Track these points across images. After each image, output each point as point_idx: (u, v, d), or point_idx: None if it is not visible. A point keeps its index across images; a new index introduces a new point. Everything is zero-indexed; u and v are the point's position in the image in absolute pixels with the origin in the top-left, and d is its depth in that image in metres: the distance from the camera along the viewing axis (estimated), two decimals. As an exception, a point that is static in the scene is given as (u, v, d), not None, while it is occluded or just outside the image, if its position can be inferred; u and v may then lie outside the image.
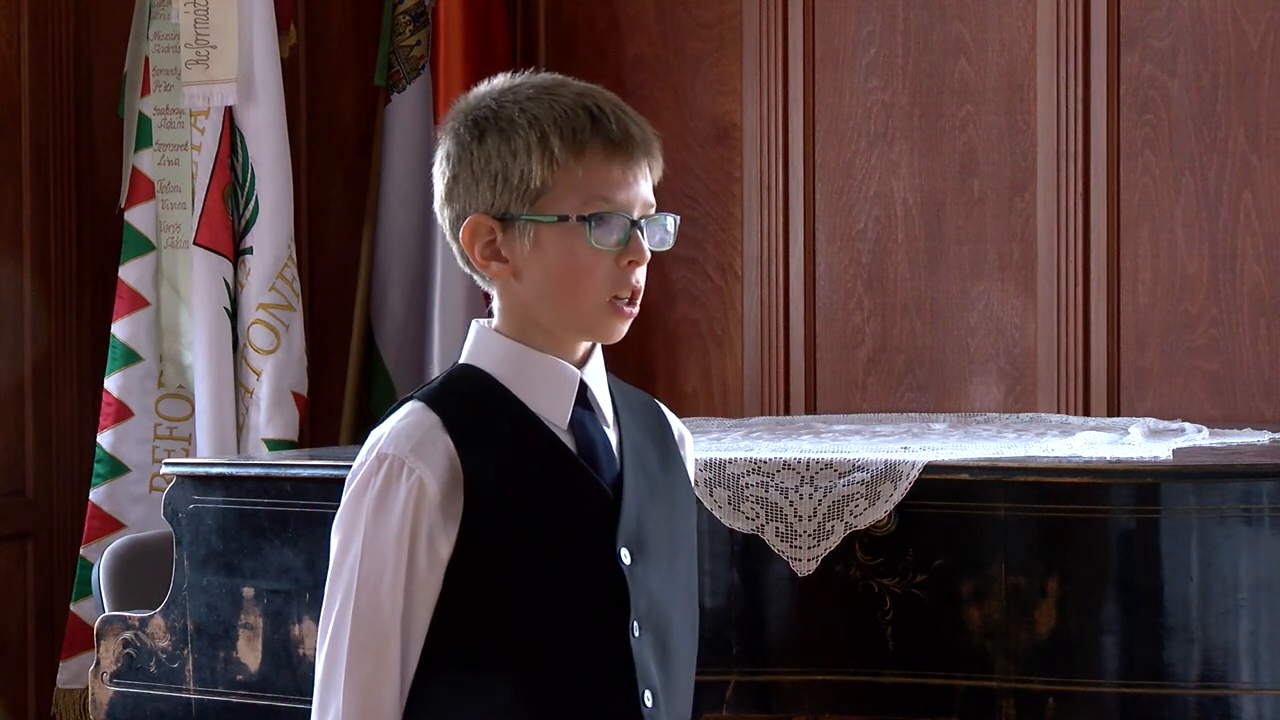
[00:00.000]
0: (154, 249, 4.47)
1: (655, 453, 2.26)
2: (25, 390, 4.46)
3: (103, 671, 3.38)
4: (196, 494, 3.29)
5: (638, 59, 5.01)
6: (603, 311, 2.17)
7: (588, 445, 2.18)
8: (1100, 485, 2.98)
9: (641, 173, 2.18)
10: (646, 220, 2.18)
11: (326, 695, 2.13)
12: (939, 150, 4.69)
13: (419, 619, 2.12)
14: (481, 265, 2.19)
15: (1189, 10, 4.43)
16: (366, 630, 2.11)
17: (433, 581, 2.12)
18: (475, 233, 2.17)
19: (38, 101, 4.47)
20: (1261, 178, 4.38)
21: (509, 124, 2.15)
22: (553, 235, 2.15)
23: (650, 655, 2.17)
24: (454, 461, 2.12)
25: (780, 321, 4.84)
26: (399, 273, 4.86)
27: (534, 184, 2.14)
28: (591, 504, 2.16)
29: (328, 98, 4.95)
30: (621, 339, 2.21)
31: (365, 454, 2.16)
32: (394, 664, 2.12)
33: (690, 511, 2.32)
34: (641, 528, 2.18)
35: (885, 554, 3.04)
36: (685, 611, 2.26)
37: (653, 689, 2.17)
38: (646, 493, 2.21)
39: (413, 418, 2.15)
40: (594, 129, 2.15)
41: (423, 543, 2.11)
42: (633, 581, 2.16)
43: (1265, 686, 2.93)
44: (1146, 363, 4.48)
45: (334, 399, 4.83)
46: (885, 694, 3.05)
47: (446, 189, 2.20)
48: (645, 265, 2.18)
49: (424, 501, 2.11)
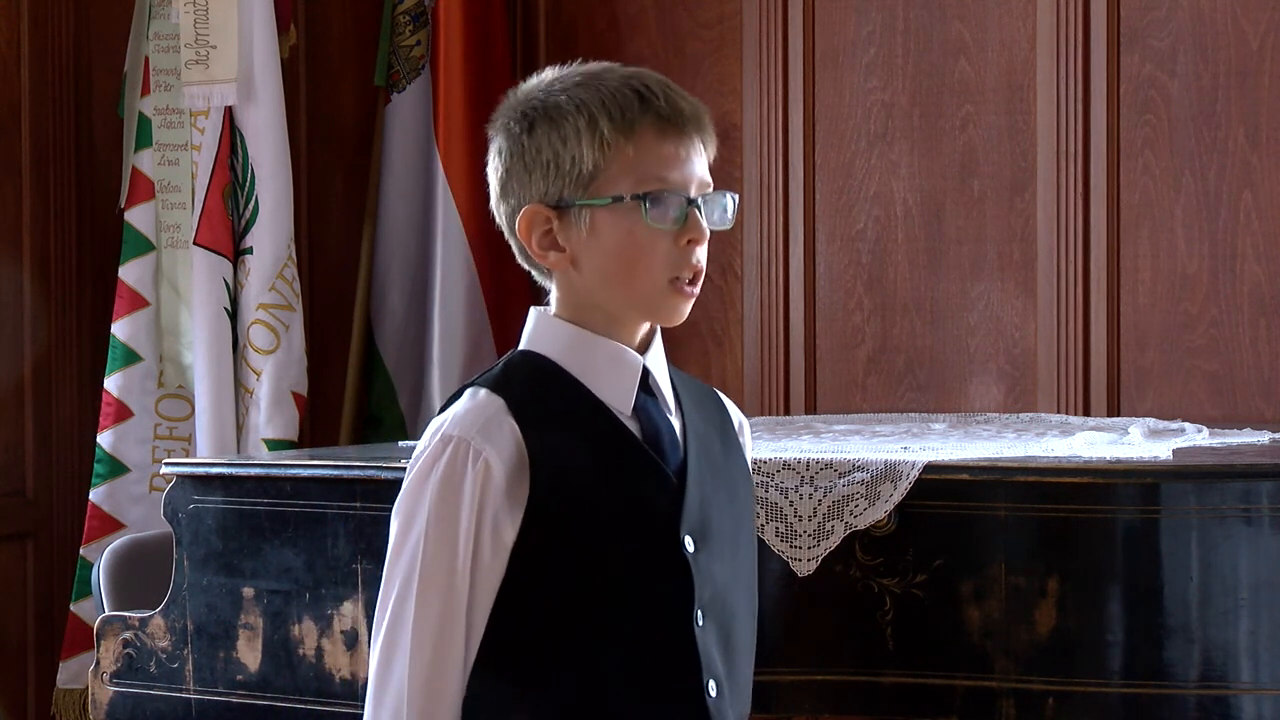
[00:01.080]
0: (154, 249, 4.47)
1: (718, 440, 2.24)
2: (25, 390, 4.46)
3: (103, 671, 3.38)
4: (196, 494, 3.29)
5: (638, 59, 5.01)
6: (664, 292, 2.14)
7: (653, 432, 2.15)
8: (1100, 485, 2.98)
9: (695, 149, 2.15)
10: (704, 198, 2.15)
11: (386, 680, 2.09)
12: (939, 150, 4.69)
13: (482, 605, 2.09)
14: (540, 256, 2.16)
15: (1189, 10, 4.43)
16: (431, 614, 2.08)
17: (497, 567, 2.09)
18: (532, 223, 2.15)
19: (38, 101, 4.47)
20: (1261, 178, 4.38)
21: (557, 111, 2.13)
22: (609, 218, 2.12)
23: (714, 644, 2.15)
24: (520, 445, 2.09)
25: (780, 321, 4.84)
26: (399, 273, 4.86)
27: (586, 168, 2.12)
28: (657, 491, 2.14)
29: (328, 98, 4.95)
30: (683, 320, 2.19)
31: (429, 437, 2.12)
32: (459, 649, 2.09)
33: (750, 500, 2.29)
34: (705, 516, 2.16)
35: (885, 554, 3.04)
36: (747, 601, 2.24)
37: (717, 679, 2.15)
38: (710, 481, 2.19)
39: (477, 401, 2.12)
40: (643, 108, 2.12)
41: (488, 526, 2.08)
42: (696, 570, 2.13)
43: (1265, 686, 2.93)
44: (1146, 363, 4.48)
45: (334, 399, 4.83)
46: (885, 694, 3.05)
47: (501, 184, 2.18)
48: (705, 244, 2.15)
49: (490, 485, 2.08)
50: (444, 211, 4.79)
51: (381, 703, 2.10)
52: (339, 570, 3.18)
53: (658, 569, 2.12)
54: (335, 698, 3.19)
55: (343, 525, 3.18)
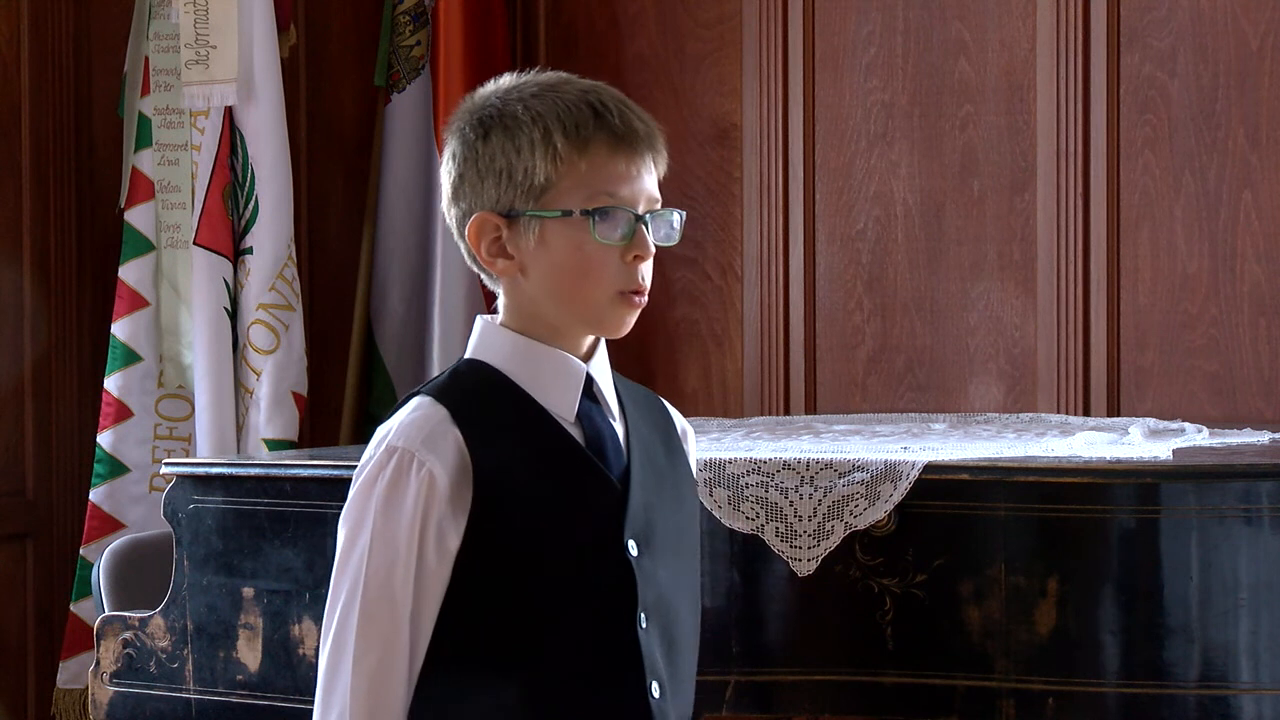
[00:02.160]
0: (154, 249, 4.47)
1: (661, 447, 2.27)
2: (25, 390, 4.46)
3: (103, 671, 3.38)
4: (196, 494, 3.29)
5: (638, 59, 5.01)
6: (610, 304, 2.17)
7: (596, 438, 2.19)
8: (1100, 485, 2.98)
9: (645, 167, 2.18)
10: (651, 215, 2.18)
11: (332, 687, 2.13)
12: (939, 150, 4.68)
13: (427, 612, 2.13)
14: (488, 263, 2.19)
15: (1189, 10, 4.43)
16: (375, 622, 2.11)
17: (441, 574, 2.12)
18: (481, 230, 2.18)
19: (38, 101, 4.47)
20: (1261, 178, 4.38)
21: (513, 121, 2.16)
22: (558, 231, 2.15)
23: (657, 646, 2.18)
24: (463, 454, 2.12)
25: (780, 321, 4.83)
26: (399, 272, 4.86)
27: (538, 180, 2.15)
28: (600, 496, 2.17)
29: (328, 98, 4.95)
30: (625, 335, 2.21)
31: (374, 448, 2.16)
32: (403, 656, 2.12)
33: (694, 505, 2.33)
34: (649, 520, 2.19)
35: (885, 554, 3.04)
36: (690, 604, 2.27)
37: (660, 680, 2.18)
38: (653, 486, 2.22)
39: (422, 411, 2.15)
40: (597, 124, 2.15)
41: (432, 535, 2.12)
42: (640, 573, 2.17)
43: (1265, 686, 2.93)
44: (1146, 363, 4.48)
45: (334, 399, 4.83)
46: (885, 694, 3.05)
47: (453, 188, 2.21)
48: (651, 260, 2.19)
49: (434, 494, 2.11)
50: (444, 211, 4.79)
51: (328, 710, 2.13)
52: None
53: (601, 573, 2.16)
54: (335, 698, 3.18)
55: (343, 525, 3.18)
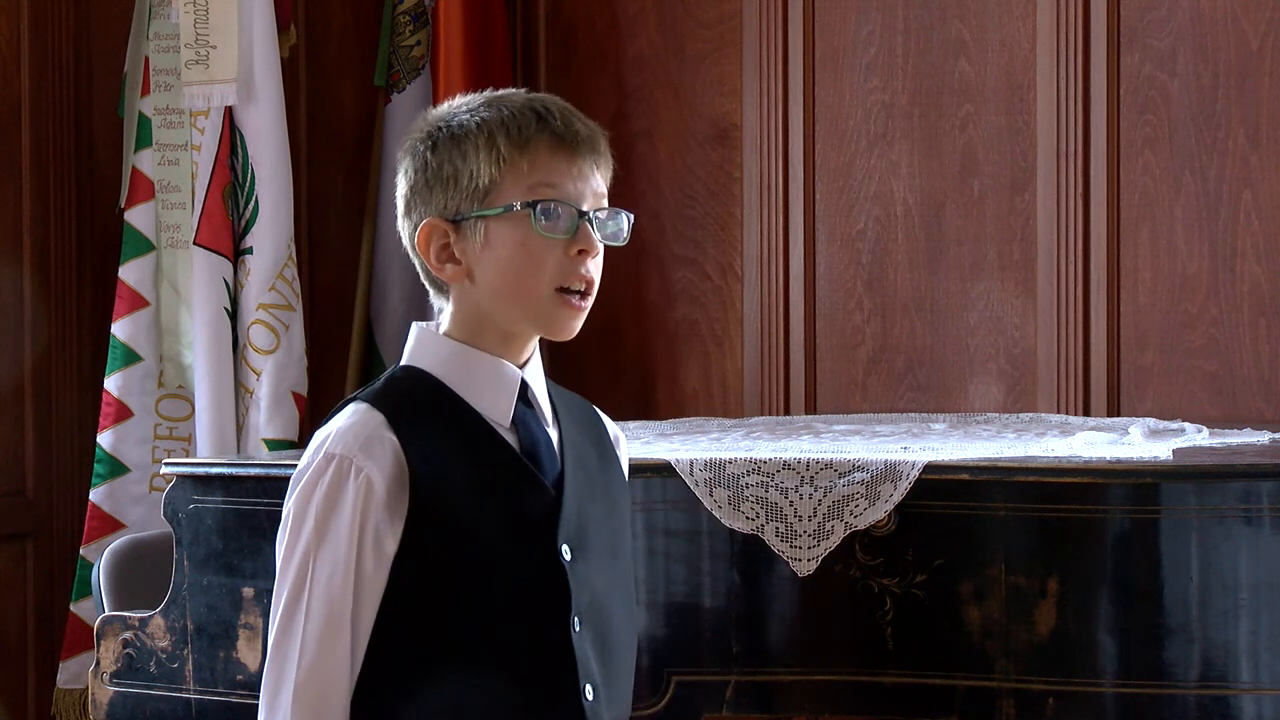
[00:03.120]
0: (154, 249, 4.47)
1: (593, 452, 2.31)
2: (25, 390, 4.46)
3: (103, 671, 3.38)
4: (196, 494, 3.29)
5: (638, 59, 5.01)
6: (552, 302, 2.20)
7: (530, 444, 2.22)
8: (1100, 485, 2.98)
9: (588, 167, 2.22)
10: (597, 212, 2.21)
11: (276, 692, 2.16)
12: (939, 150, 4.69)
13: (365, 615, 2.16)
14: (437, 269, 2.23)
15: (1189, 10, 4.43)
16: (317, 629, 2.15)
17: (379, 578, 2.16)
18: (430, 236, 2.23)
19: (38, 101, 4.47)
20: (1261, 178, 4.38)
21: (460, 129, 2.21)
22: (502, 228, 2.19)
23: (590, 650, 2.21)
24: (400, 459, 2.16)
25: (780, 321, 4.84)
26: (399, 272, 4.86)
27: (482, 182, 2.19)
28: (534, 501, 2.20)
29: (328, 98, 4.95)
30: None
31: (312, 454, 2.19)
32: (344, 660, 2.15)
33: (627, 510, 2.36)
34: (582, 525, 2.23)
35: (885, 554, 3.04)
36: (624, 608, 2.30)
37: (593, 683, 2.21)
38: (586, 491, 2.25)
39: (358, 417, 2.18)
40: (539, 126, 2.20)
41: (370, 540, 2.15)
42: (573, 577, 2.20)
43: (1265, 686, 2.93)
44: (1146, 363, 4.48)
45: (334, 399, 4.80)
46: (885, 694, 3.05)
47: (405, 202, 2.27)
48: (599, 258, 2.22)
49: (371, 499, 2.15)
50: (444, 211, 4.79)
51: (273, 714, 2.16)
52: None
53: (535, 577, 2.19)
54: (335, 698, 3.18)
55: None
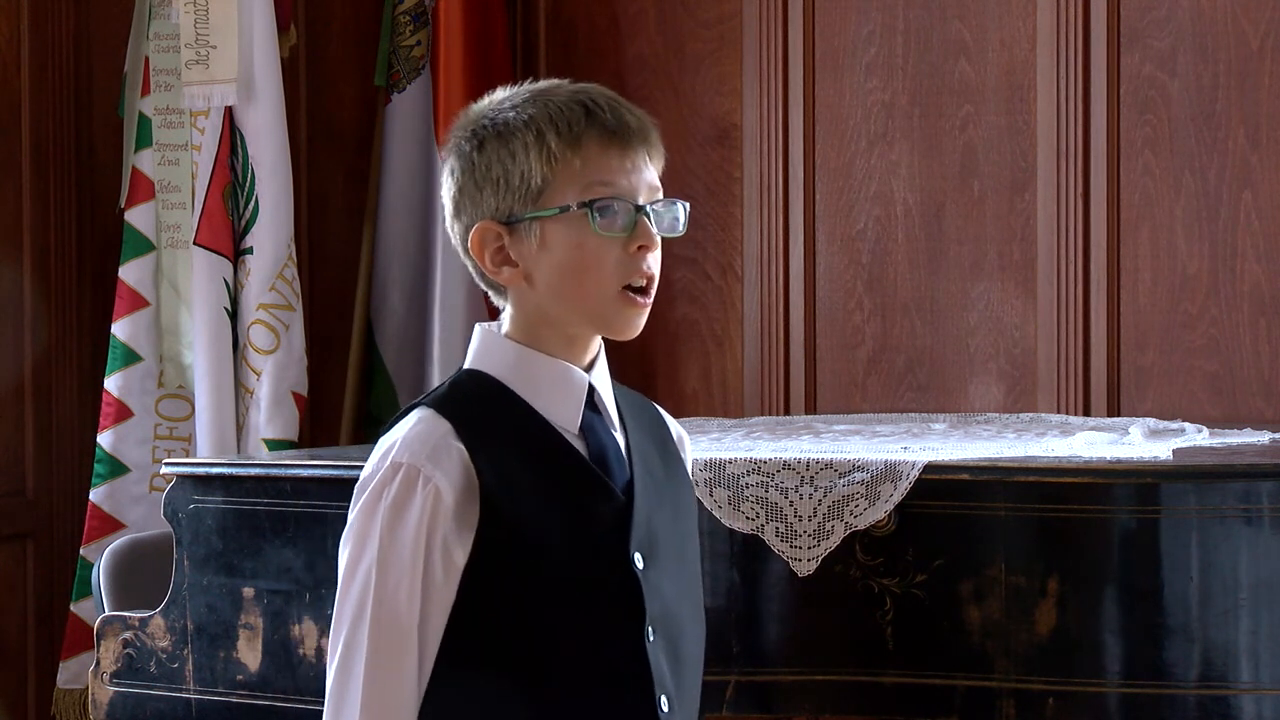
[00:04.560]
0: (154, 249, 4.47)
1: (659, 456, 2.25)
2: (25, 390, 4.46)
3: (103, 671, 3.38)
4: (196, 494, 3.29)
5: (638, 59, 5.01)
6: (615, 302, 2.14)
7: (599, 450, 2.16)
8: (1100, 485, 2.98)
9: (641, 160, 2.16)
10: (654, 205, 2.15)
11: (341, 707, 2.10)
12: (939, 150, 4.68)
13: (433, 628, 2.10)
14: (493, 272, 2.16)
15: (1189, 10, 4.43)
16: (384, 641, 2.09)
17: (448, 590, 2.10)
18: (483, 240, 2.16)
19: (38, 101, 4.47)
20: (1261, 178, 4.38)
21: (506, 128, 2.15)
22: (558, 229, 2.13)
23: (664, 659, 2.16)
24: (468, 468, 2.10)
25: (780, 321, 4.83)
26: (399, 273, 4.86)
27: (535, 182, 2.13)
28: (605, 509, 2.15)
29: (328, 98, 4.95)
30: (638, 335, 2.19)
31: (377, 463, 2.13)
32: (411, 674, 2.09)
33: (693, 514, 2.31)
34: (652, 532, 2.17)
35: (885, 554, 3.04)
36: (694, 615, 2.25)
37: (668, 694, 2.16)
38: (655, 497, 2.20)
39: (425, 425, 2.12)
40: (589, 120, 2.14)
41: (438, 551, 2.09)
42: (646, 586, 2.14)
43: (1265, 686, 2.93)
44: (1146, 363, 4.48)
45: (334, 399, 4.83)
46: (885, 694, 3.05)
47: (454, 204, 2.19)
48: (658, 252, 2.16)
49: (440, 510, 2.09)
50: (444, 211, 4.79)
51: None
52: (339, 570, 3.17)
53: (608, 586, 2.13)
54: (335, 698, 3.18)
55: (343, 525, 3.17)
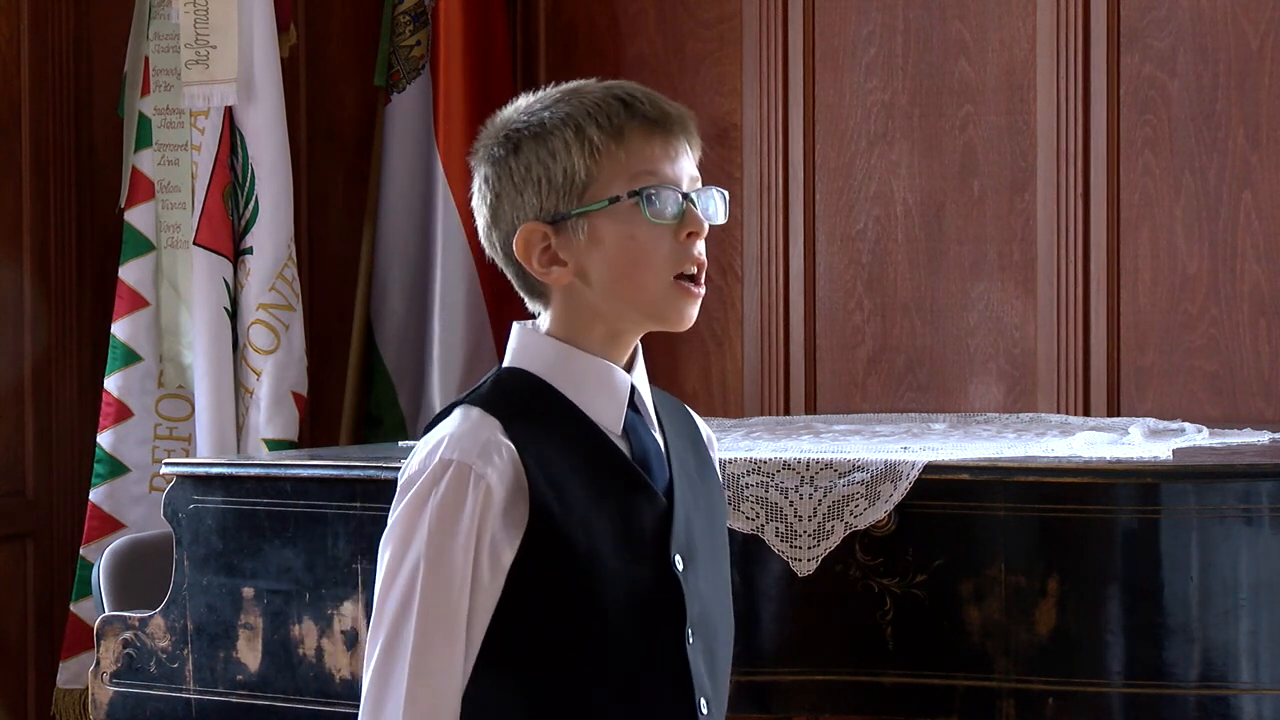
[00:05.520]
0: (154, 249, 4.47)
1: (693, 457, 2.24)
2: (25, 390, 4.46)
3: (103, 671, 3.38)
4: (196, 494, 3.29)
5: (638, 59, 5.01)
6: (671, 293, 2.14)
7: (642, 451, 2.15)
8: (1100, 485, 2.98)
9: (682, 149, 2.16)
10: (696, 192, 2.15)
11: (381, 703, 2.07)
12: (939, 150, 4.68)
13: (478, 626, 2.08)
14: (541, 274, 2.13)
15: (1189, 10, 4.43)
16: (429, 638, 2.06)
17: (494, 589, 2.08)
18: (529, 242, 2.13)
19: (38, 101, 4.47)
20: (1261, 178, 4.38)
21: (541, 128, 2.12)
22: (608, 222, 2.11)
23: (702, 662, 2.15)
24: (518, 467, 2.08)
25: (780, 321, 4.83)
26: (399, 272, 4.86)
27: (579, 178, 2.11)
28: (649, 511, 2.13)
29: (328, 98, 4.95)
30: (689, 327, 2.19)
31: (424, 460, 2.09)
32: (457, 671, 2.07)
33: (724, 516, 2.30)
34: (690, 534, 2.16)
35: (885, 554, 3.04)
36: (726, 617, 2.24)
37: (707, 697, 2.15)
38: (691, 499, 2.19)
39: (473, 422, 2.10)
40: (629, 112, 2.12)
41: (486, 549, 2.07)
42: (687, 588, 2.13)
43: (1265, 686, 2.93)
44: (1146, 363, 4.48)
45: (334, 399, 4.83)
46: (885, 694, 3.05)
47: (491, 212, 2.16)
48: (704, 238, 2.15)
49: (490, 508, 2.06)
50: (444, 211, 4.79)
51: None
52: (339, 570, 3.18)
53: (651, 589, 2.12)
54: (335, 698, 3.19)
55: (343, 525, 3.18)
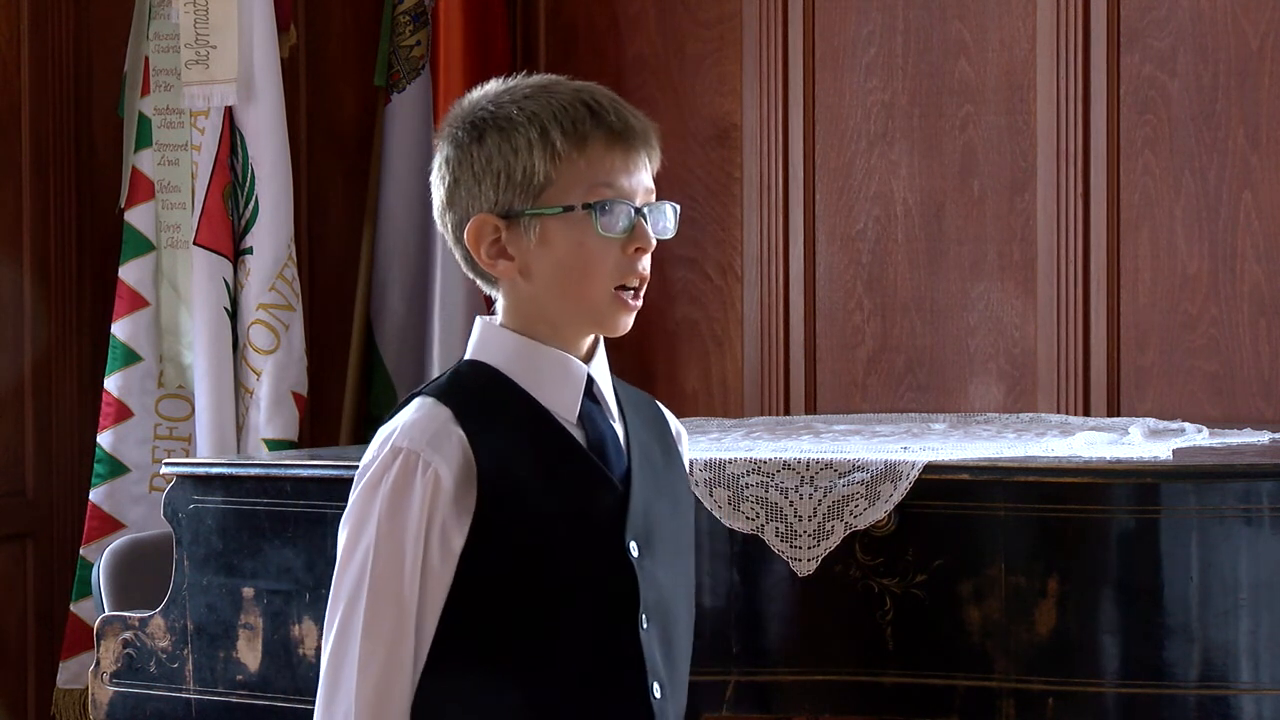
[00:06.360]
0: (154, 249, 4.47)
1: (658, 449, 2.28)
2: (25, 390, 4.46)
3: (103, 671, 3.38)
4: (196, 494, 3.29)
5: (638, 59, 5.01)
6: (609, 304, 2.18)
7: (598, 439, 2.19)
8: (1100, 485, 2.98)
9: (641, 162, 2.20)
10: (649, 207, 2.19)
11: (336, 688, 2.13)
12: (939, 150, 4.68)
13: (430, 612, 2.13)
14: (488, 265, 2.19)
15: (1189, 10, 4.43)
16: (381, 623, 2.12)
17: (445, 574, 2.13)
18: (480, 233, 2.19)
19: (38, 101, 4.47)
20: (1261, 178, 4.38)
21: (508, 122, 2.17)
22: (559, 227, 2.16)
23: (657, 647, 2.19)
24: (468, 454, 2.13)
25: (780, 321, 4.83)
26: (399, 272, 4.86)
27: (537, 179, 2.16)
28: (602, 497, 2.18)
29: (328, 98, 4.95)
30: (625, 334, 2.22)
31: (378, 448, 2.16)
32: (408, 657, 2.12)
33: (690, 507, 2.34)
34: (649, 521, 2.20)
35: (885, 554, 3.04)
36: (686, 606, 2.28)
37: (660, 680, 2.19)
38: (652, 488, 2.23)
39: (425, 412, 2.15)
40: (594, 121, 2.17)
41: (436, 535, 2.12)
42: (641, 574, 2.17)
43: (1265, 686, 2.93)
44: (1146, 363, 4.48)
45: (334, 399, 4.83)
46: (885, 694, 3.05)
47: (447, 194, 2.22)
48: (650, 254, 2.20)
49: (439, 494, 2.12)
50: (444, 211, 4.79)
51: (333, 712, 2.13)
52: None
53: (604, 573, 2.17)
54: (335, 698, 3.18)
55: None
